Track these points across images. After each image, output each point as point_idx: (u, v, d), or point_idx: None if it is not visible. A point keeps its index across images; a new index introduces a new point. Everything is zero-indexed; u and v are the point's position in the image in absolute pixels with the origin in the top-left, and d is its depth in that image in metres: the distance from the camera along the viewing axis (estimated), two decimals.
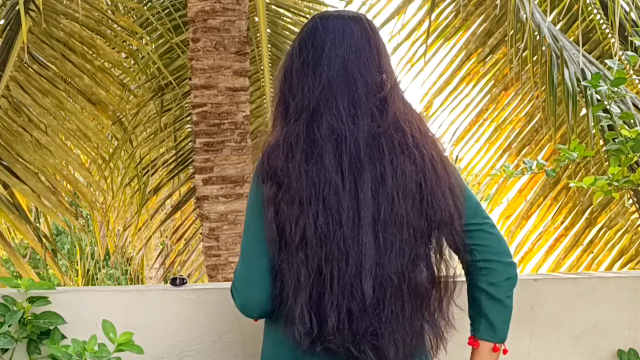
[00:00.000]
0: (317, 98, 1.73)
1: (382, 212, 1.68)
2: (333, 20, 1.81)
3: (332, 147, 1.70)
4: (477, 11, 5.92)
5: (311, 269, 1.67)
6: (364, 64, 1.76)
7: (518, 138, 5.99)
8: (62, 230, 12.03)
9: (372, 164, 1.70)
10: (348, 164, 1.69)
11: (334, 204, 1.67)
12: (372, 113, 1.73)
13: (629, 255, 5.69)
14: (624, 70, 2.46)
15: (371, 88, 1.75)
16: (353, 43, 1.77)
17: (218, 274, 4.17)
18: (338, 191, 1.68)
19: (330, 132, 1.71)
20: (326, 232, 1.67)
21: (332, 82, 1.74)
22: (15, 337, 2.09)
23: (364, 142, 1.70)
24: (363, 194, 1.68)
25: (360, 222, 1.67)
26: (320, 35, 1.79)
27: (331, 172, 1.68)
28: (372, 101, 1.74)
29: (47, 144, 5.22)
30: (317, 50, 1.77)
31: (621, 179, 2.37)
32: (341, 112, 1.72)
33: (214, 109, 4.11)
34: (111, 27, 5.58)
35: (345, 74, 1.75)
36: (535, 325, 2.33)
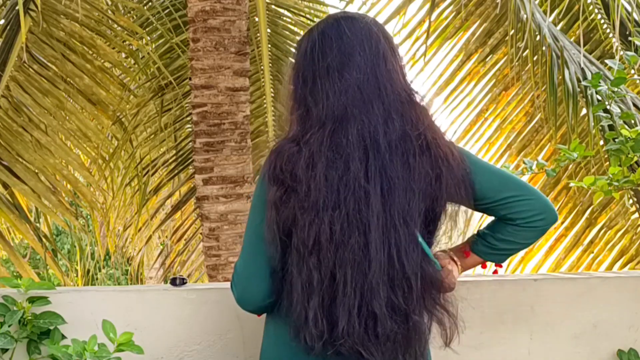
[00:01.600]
0: (344, 104, 1.72)
1: (409, 213, 1.70)
2: (358, 24, 1.79)
3: (361, 154, 1.70)
4: (477, 11, 5.92)
5: (324, 274, 1.67)
6: (392, 70, 1.77)
7: (518, 138, 5.99)
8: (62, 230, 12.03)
9: (405, 163, 1.71)
10: (375, 168, 1.69)
11: (359, 210, 1.67)
12: (402, 114, 1.74)
13: (629, 255, 5.69)
14: (625, 70, 2.46)
15: (398, 92, 1.76)
16: (380, 49, 1.77)
17: (218, 274, 4.17)
18: (368, 197, 1.68)
19: (360, 138, 1.70)
20: (340, 237, 1.67)
21: (362, 88, 1.73)
22: (15, 337, 2.09)
23: (395, 143, 1.71)
24: (394, 197, 1.69)
25: (392, 227, 1.68)
26: (346, 38, 1.77)
27: (359, 178, 1.68)
28: (402, 106, 1.74)
29: (47, 144, 5.22)
30: (345, 55, 1.75)
31: (621, 179, 2.37)
32: (373, 115, 1.71)
33: (214, 109, 4.11)
34: (111, 27, 5.58)
35: (376, 80, 1.74)
36: (535, 325, 2.33)
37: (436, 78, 6.12)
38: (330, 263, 1.67)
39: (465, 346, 1.86)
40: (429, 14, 5.40)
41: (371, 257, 1.66)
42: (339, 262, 1.66)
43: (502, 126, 6.06)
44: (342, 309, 1.66)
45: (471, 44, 5.96)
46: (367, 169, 1.68)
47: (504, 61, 5.92)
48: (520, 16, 5.01)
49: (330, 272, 1.67)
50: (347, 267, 1.66)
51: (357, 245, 1.66)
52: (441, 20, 5.96)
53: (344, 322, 1.66)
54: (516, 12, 5.03)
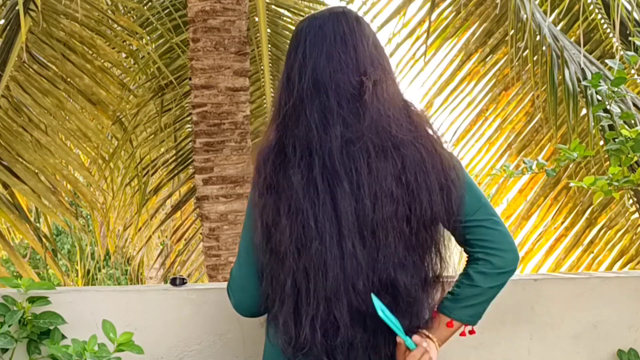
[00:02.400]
0: (289, 111, 1.72)
1: (364, 221, 1.65)
2: (308, 26, 1.78)
3: (301, 161, 1.67)
4: (477, 11, 5.92)
5: (292, 281, 1.67)
6: (336, 68, 1.71)
7: (518, 138, 5.99)
8: (62, 230, 12.03)
9: (348, 172, 1.66)
10: (321, 175, 1.66)
11: (308, 217, 1.65)
12: (344, 120, 1.68)
13: (629, 255, 5.69)
14: (625, 70, 2.46)
15: (344, 93, 1.70)
16: (325, 46, 1.73)
17: (218, 274, 4.16)
18: (313, 204, 1.65)
19: (299, 145, 1.68)
20: (301, 245, 1.66)
21: (302, 94, 1.71)
22: (15, 337, 2.09)
23: (337, 150, 1.66)
24: (342, 205, 1.65)
25: (340, 233, 1.64)
26: (294, 47, 1.77)
27: (301, 185, 1.66)
28: (345, 107, 1.69)
29: (47, 144, 5.22)
30: (295, 58, 1.76)
31: (621, 179, 2.37)
32: (310, 123, 1.68)
33: (214, 109, 4.11)
34: (111, 27, 5.58)
35: (316, 81, 1.71)
36: (535, 325, 2.33)
37: (436, 78, 6.12)
38: (293, 271, 1.67)
39: (465, 346, 1.86)
40: (429, 14, 5.40)
41: (329, 266, 1.64)
42: (302, 270, 1.66)
43: (502, 126, 6.06)
44: (305, 318, 1.66)
45: (471, 44, 5.95)
46: (313, 177, 1.66)
47: (504, 61, 5.91)
48: (520, 16, 5.01)
49: (294, 280, 1.67)
50: (310, 275, 1.65)
51: (319, 254, 1.64)
52: (441, 20, 5.96)
53: (307, 331, 1.66)
54: (516, 12, 5.03)
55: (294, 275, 1.66)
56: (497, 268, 1.71)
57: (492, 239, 1.72)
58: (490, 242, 1.72)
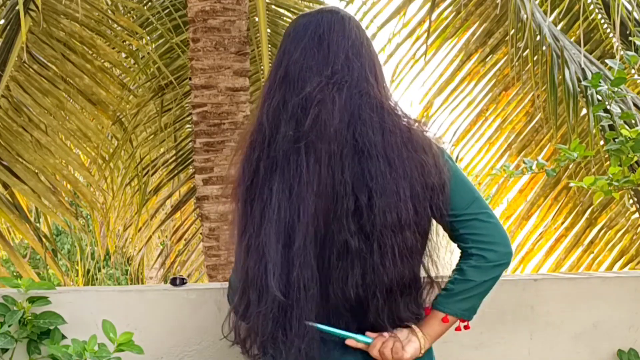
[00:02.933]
0: (259, 105, 1.77)
1: (293, 222, 1.64)
2: (300, 20, 1.80)
3: (250, 153, 1.72)
4: (478, 11, 5.92)
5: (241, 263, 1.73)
6: (307, 65, 1.71)
7: (518, 138, 5.99)
8: (62, 230, 12.02)
9: (289, 170, 1.66)
10: (263, 169, 1.69)
11: (244, 211, 1.72)
12: (297, 118, 1.68)
13: (630, 255, 5.69)
14: (625, 70, 2.46)
15: (305, 90, 1.69)
16: (302, 43, 1.73)
17: (218, 274, 4.16)
18: (249, 199, 1.71)
19: (253, 137, 1.73)
20: (235, 238, 1.74)
21: (270, 89, 1.74)
22: (15, 337, 2.09)
23: (283, 148, 1.68)
24: (272, 203, 1.67)
25: (265, 231, 1.66)
26: (284, 38, 1.79)
27: (244, 179, 1.73)
28: (300, 106, 1.68)
29: (47, 144, 5.22)
30: (277, 55, 1.79)
31: (621, 179, 2.37)
32: (264, 117, 1.72)
33: (214, 109, 4.11)
34: (111, 27, 5.58)
35: (285, 77, 1.72)
36: (535, 325, 2.33)
37: (436, 78, 6.12)
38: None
39: (465, 346, 1.86)
40: (429, 14, 5.40)
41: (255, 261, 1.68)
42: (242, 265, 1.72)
43: (502, 126, 6.06)
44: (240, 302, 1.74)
45: (471, 44, 5.95)
46: (257, 170, 1.71)
47: (504, 61, 5.91)
48: (521, 16, 5.01)
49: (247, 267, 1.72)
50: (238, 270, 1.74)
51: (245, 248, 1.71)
52: (441, 20, 5.96)
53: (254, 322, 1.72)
54: (516, 12, 5.03)
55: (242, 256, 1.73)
56: (490, 262, 1.69)
57: (485, 233, 1.70)
58: (484, 235, 1.70)
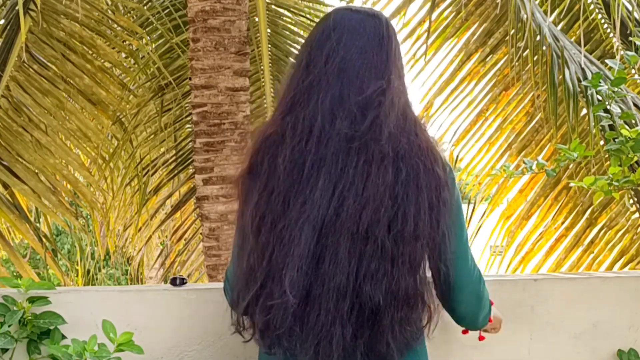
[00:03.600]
0: (300, 92, 1.67)
1: (332, 218, 1.60)
2: (348, 17, 1.74)
3: (296, 144, 1.63)
4: (478, 11, 5.92)
5: (247, 265, 1.66)
6: (366, 67, 1.68)
7: (518, 138, 5.99)
8: (62, 230, 12.04)
9: (336, 168, 1.61)
10: (311, 164, 1.62)
11: (281, 198, 1.62)
12: (354, 117, 1.64)
13: (630, 255, 5.69)
14: (625, 70, 2.46)
15: (363, 92, 1.65)
16: (361, 43, 1.70)
17: (218, 274, 4.16)
18: (290, 188, 1.61)
19: (299, 128, 1.64)
20: (260, 227, 1.63)
21: (321, 79, 1.66)
22: (15, 337, 2.09)
23: (335, 145, 1.62)
24: (320, 200, 1.60)
25: (301, 224, 1.60)
26: (328, 31, 1.72)
27: (285, 166, 1.62)
28: (359, 105, 1.64)
29: (47, 144, 5.22)
30: (321, 47, 1.70)
31: (621, 179, 2.37)
32: (318, 110, 1.64)
33: (214, 109, 4.11)
34: (111, 27, 5.58)
35: (341, 73, 1.66)
36: (535, 325, 2.33)
37: (436, 78, 6.12)
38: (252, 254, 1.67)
39: (465, 346, 1.86)
40: (429, 13, 5.40)
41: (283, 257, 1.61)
42: (258, 254, 1.65)
43: (503, 126, 6.06)
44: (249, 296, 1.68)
45: (471, 44, 5.95)
46: (303, 163, 1.62)
47: (504, 61, 5.91)
48: (521, 16, 5.01)
49: (250, 264, 1.66)
50: (263, 261, 1.64)
51: (273, 240, 1.62)
52: (441, 20, 5.96)
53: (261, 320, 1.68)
54: (516, 12, 5.03)
55: (249, 260, 1.65)
56: (471, 319, 1.83)
57: (463, 283, 1.74)
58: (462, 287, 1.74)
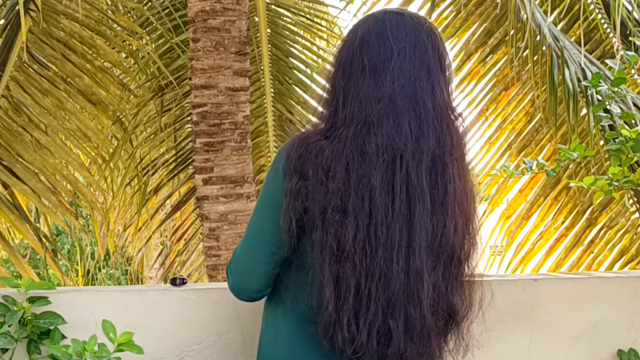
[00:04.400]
0: (376, 111, 1.64)
1: (436, 240, 1.63)
2: (405, 25, 1.69)
3: (384, 165, 1.62)
4: (477, 11, 5.92)
5: (355, 282, 1.62)
6: (435, 84, 1.67)
7: (518, 138, 5.99)
8: (62, 230, 12.04)
9: (433, 188, 1.63)
10: (401, 184, 1.61)
11: (380, 224, 1.61)
12: (438, 136, 1.65)
13: (630, 255, 5.69)
14: (625, 70, 2.46)
15: (439, 110, 1.66)
16: (425, 60, 1.67)
17: (218, 274, 4.16)
18: (387, 211, 1.61)
19: (384, 148, 1.62)
20: (368, 248, 1.61)
21: (395, 97, 1.64)
22: (15, 337, 2.08)
23: (426, 165, 1.63)
24: (419, 220, 1.62)
25: (412, 248, 1.61)
26: (387, 39, 1.67)
27: (379, 190, 1.61)
28: (440, 125, 1.65)
29: (47, 144, 5.22)
30: (383, 57, 1.66)
31: (621, 179, 2.37)
32: (404, 130, 1.63)
33: (214, 109, 4.11)
34: (111, 27, 5.58)
35: (414, 91, 1.65)
36: (535, 325, 2.33)
37: None
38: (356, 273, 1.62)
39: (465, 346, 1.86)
40: (429, 14, 5.40)
41: (393, 275, 1.61)
42: (366, 274, 1.62)
43: (503, 126, 6.06)
44: (364, 324, 1.63)
45: (471, 44, 5.95)
46: (392, 184, 1.62)
47: (504, 61, 5.92)
48: (520, 16, 5.01)
49: (356, 282, 1.62)
50: (373, 281, 1.62)
51: (382, 260, 1.61)
52: (441, 20, 5.96)
53: (364, 337, 1.62)
54: (516, 12, 5.03)
55: (357, 277, 1.62)
56: None
57: None
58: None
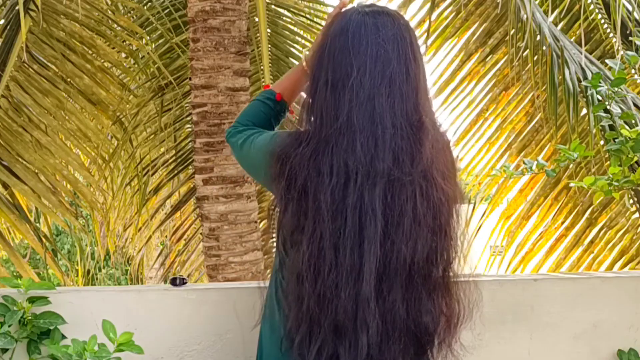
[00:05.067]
0: (332, 130, 1.60)
1: (389, 261, 1.58)
2: (368, 35, 1.62)
3: (336, 187, 1.57)
4: (478, 11, 5.92)
5: (307, 305, 1.61)
6: (397, 99, 1.60)
7: (518, 138, 5.99)
8: (62, 230, 12.03)
9: (389, 210, 1.58)
10: (353, 208, 1.57)
11: (328, 248, 1.57)
12: (396, 156, 1.58)
13: (630, 255, 5.69)
14: (625, 70, 2.46)
15: (400, 128, 1.59)
16: (387, 72, 1.60)
17: (218, 274, 4.16)
18: (336, 235, 1.57)
19: (337, 169, 1.57)
20: (317, 272, 1.59)
21: (352, 116, 1.58)
22: (15, 337, 2.08)
23: (381, 186, 1.57)
24: (368, 243, 1.56)
25: (361, 272, 1.57)
26: (347, 54, 1.62)
27: (330, 213, 1.57)
28: (399, 143, 1.58)
29: (47, 144, 5.22)
30: (343, 73, 1.61)
31: (621, 179, 2.37)
32: (358, 151, 1.57)
33: (214, 109, 4.11)
34: (111, 27, 5.58)
35: (372, 108, 1.58)
36: (535, 325, 2.33)
37: (436, 78, 6.12)
38: (310, 295, 1.60)
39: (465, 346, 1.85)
40: (429, 13, 5.40)
41: (341, 301, 1.58)
42: (318, 296, 1.59)
43: (503, 126, 6.06)
44: (314, 346, 1.61)
45: (471, 44, 5.95)
46: (344, 206, 1.57)
47: (504, 61, 5.91)
48: (521, 16, 5.01)
49: (309, 305, 1.60)
50: (323, 304, 1.59)
51: (332, 284, 1.58)
52: (441, 20, 5.96)
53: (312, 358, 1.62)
54: (516, 12, 5.03)
55: (309, 299, 1.59)
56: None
57: None
58: None
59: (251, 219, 4.16)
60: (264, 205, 6.81)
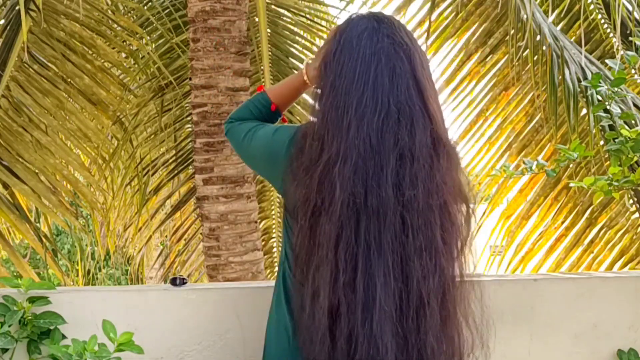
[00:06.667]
0: (338, 151, 1.59)
1: (402, 294, 1.58)
2: (374, 41, 1.64)
3: (347, 221, 1.57)
4: (478, 11, 5.92)
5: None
6: (408, 121, 1.63)
7: (518, 138, 5.99)
8: (62, 230, 12.03)
9: (397, 246, 1.58)
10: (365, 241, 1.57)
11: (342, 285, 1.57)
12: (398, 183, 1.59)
13: (630, 255, 5.69)
14: (625, 70, 2.46)
15: (417, 154, 1.60)
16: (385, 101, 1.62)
17: (218, 274, 4.16)
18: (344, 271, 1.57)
19: (346, 199, 1.57)
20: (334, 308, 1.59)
21: (360, 145, 1.58)
22: (15, 337, 2.09)
23: (390, 220, 1.57)
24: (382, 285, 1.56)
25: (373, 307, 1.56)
26: (350, 83, 1.62)
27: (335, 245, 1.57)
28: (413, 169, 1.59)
29: (47, 144, 5.22)
30: (347, 106, 1.61)
31: (621, 179, 2.37)
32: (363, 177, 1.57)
33: (214, 109, 4.11)
34: (111, 27, 5.58)
35: (378, 142, 1.59)
36: (535, 325, 2.33)
37: (436, 78, 6.10)
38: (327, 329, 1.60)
39: None
40: (429, 14, 5.41)
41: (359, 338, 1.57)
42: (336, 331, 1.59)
43: (503, 126, 6.06)
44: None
45: (471, 44, 5.95)
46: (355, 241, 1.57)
47: (504, 61, 5.91)
48: (521, 16, 5.01)
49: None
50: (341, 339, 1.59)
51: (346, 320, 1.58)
52: (441, 20, 5.96)
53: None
54: (516, 12, 5.03)
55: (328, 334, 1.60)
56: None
57: None
58: None
59: (251, 219, 4.16)
60: (264, 205, 6.83)
